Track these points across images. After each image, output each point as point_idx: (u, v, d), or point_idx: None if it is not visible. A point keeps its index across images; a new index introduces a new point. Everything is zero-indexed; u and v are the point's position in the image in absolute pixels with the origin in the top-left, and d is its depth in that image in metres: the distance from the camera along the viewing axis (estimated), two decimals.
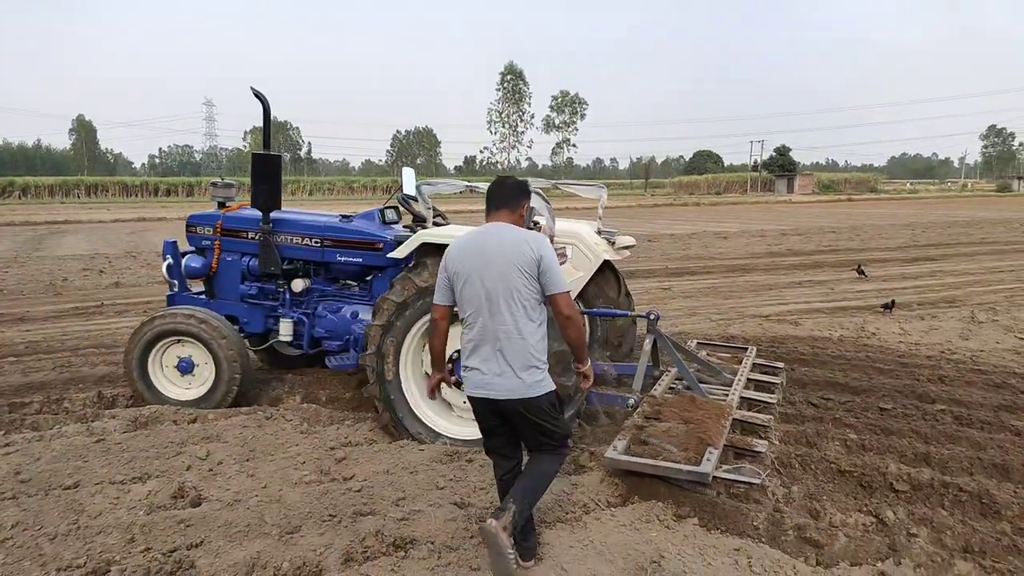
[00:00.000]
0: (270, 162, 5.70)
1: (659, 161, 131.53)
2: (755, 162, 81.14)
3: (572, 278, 4.89)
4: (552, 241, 4.68)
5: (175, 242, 6.15)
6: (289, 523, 3.64)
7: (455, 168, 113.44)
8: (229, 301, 6.04)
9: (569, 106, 75.18)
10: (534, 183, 5.13)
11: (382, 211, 5.95)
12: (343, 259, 5.73)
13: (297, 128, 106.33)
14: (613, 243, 5.60)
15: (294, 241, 5.80)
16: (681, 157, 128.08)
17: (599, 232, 5.64)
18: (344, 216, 5.90)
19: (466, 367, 3.29)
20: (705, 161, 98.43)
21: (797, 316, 9.37)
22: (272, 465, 4.36)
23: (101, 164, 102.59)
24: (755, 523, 3.61)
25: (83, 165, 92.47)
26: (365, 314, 5.60)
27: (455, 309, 3.36)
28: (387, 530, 3.52)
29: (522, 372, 3.16)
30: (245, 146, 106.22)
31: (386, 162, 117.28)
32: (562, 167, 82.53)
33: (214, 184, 6.46)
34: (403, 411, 4.89)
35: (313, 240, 5.75)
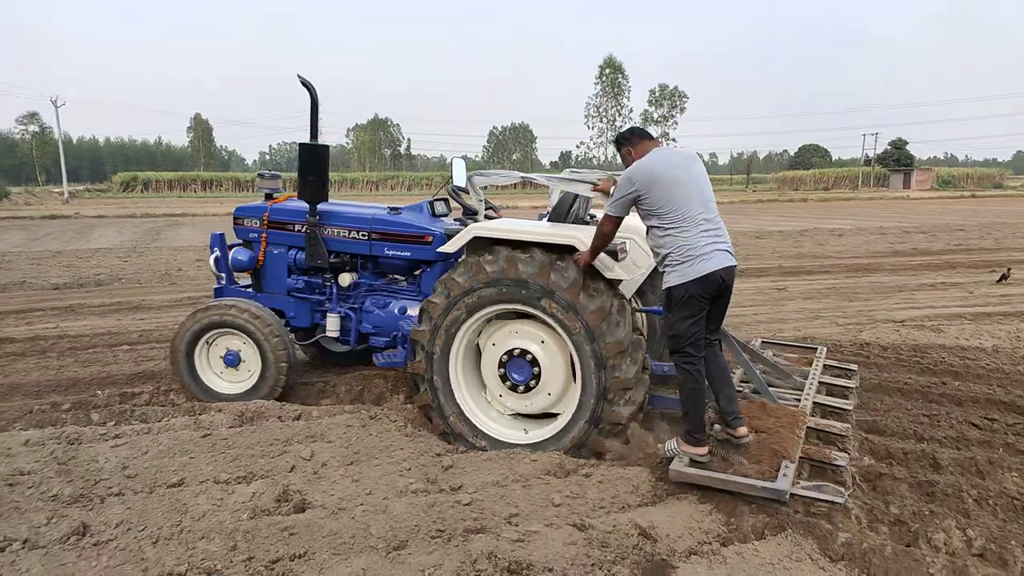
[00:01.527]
0: (317, 153, 5.49)
1: (761, 156, 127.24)
2: (867, 156, 77.01)
3: (630, 275, 4.61)
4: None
5: (223, 235, 6.04)
6: (395, 537, 3.38)
7: (550, 163, 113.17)
8: (276, 294, 5.89)
9: (668, 99, 73.33)
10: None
11: (431, 203, 5.66)
12: (391, 253, 5.50)
13: (397, 125, 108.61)
14: None
15: (341, 234, 5.60)
16: (785, 151, 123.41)
17: None
18: (392, 208, 5.65)
19: (706, 253, 3.84)
20: (811, 155, 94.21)
21: (937, 322, 8.50)
22: (377, 470, 4.12)
23: (216, 160, 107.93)
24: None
25: (199, 161, 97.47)
26: (413, 310, 5.34)
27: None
28: (501, 552, 3.20)
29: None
30: (347, 143, 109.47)
31: (482, 157, 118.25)
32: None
33: (261, 175, 6.30)
34: (456, 417, 4.64)
35: (360, 233, 5.54)
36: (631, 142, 4.18)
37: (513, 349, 4.51)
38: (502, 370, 4.55)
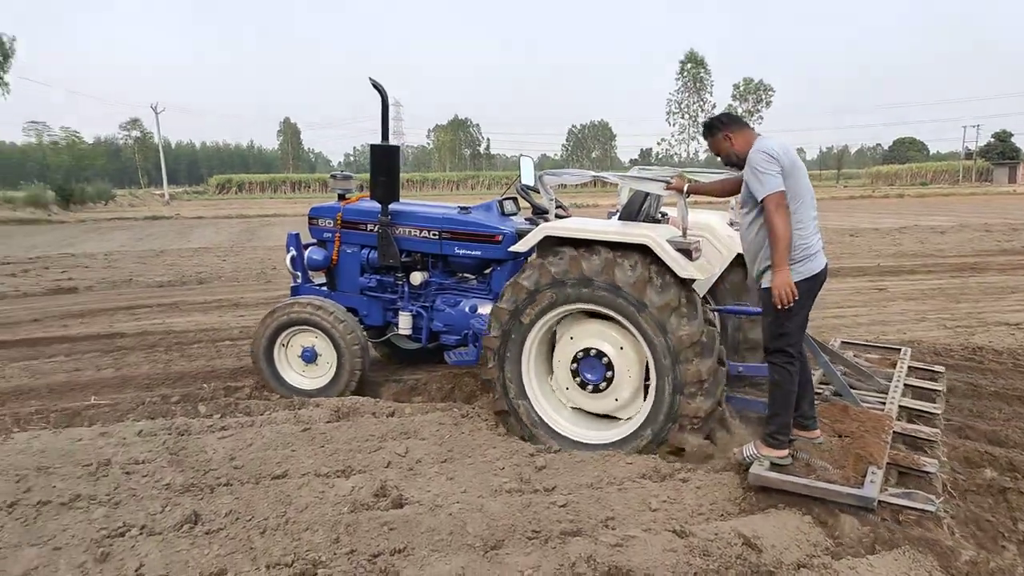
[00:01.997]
0: (389, 154, 5.56)
1: (852, 150, 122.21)
2: (968, 150, 72.80)
3: (704, 273, 4.53)
4: (684, 235, 4.31)
5: (298, 234, 6.18)
6: (492, 536, 3.39)
7: (630, 161, 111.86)
8: (349, 293, 6.00)
9: (753, 93, 71.28)
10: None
11: (501, 202, 5.69)
12: (461, 252, 5.55)
13: (477, 125, 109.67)
14: None
15: (412, 233, 5.67)
16: (878, 145, 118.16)
17: (731, 224, 5.25)
18: (463, 208, 5.69)
19: (818, 251, 3.85)
20: (907, 149, 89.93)
21: None
22: (471, 469, 4.15)
23: (304, 163, 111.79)
24: None
25: (288, 164, 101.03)
26: (484, 308, 5.39)
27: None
28: (599, 556, 3.16)
29: None
30: (428, 143, 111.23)
31: (561, 156, 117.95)
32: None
33: (333, 176, 6.41)
34: (531, 419, 4.63)
35: (431, 232, 5.61)
36: (730, 127, 3.94)
37: (589, 348, 4.48)
38: (575, 365, 4.53)
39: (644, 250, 4.23)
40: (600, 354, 4.46)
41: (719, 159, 4.08)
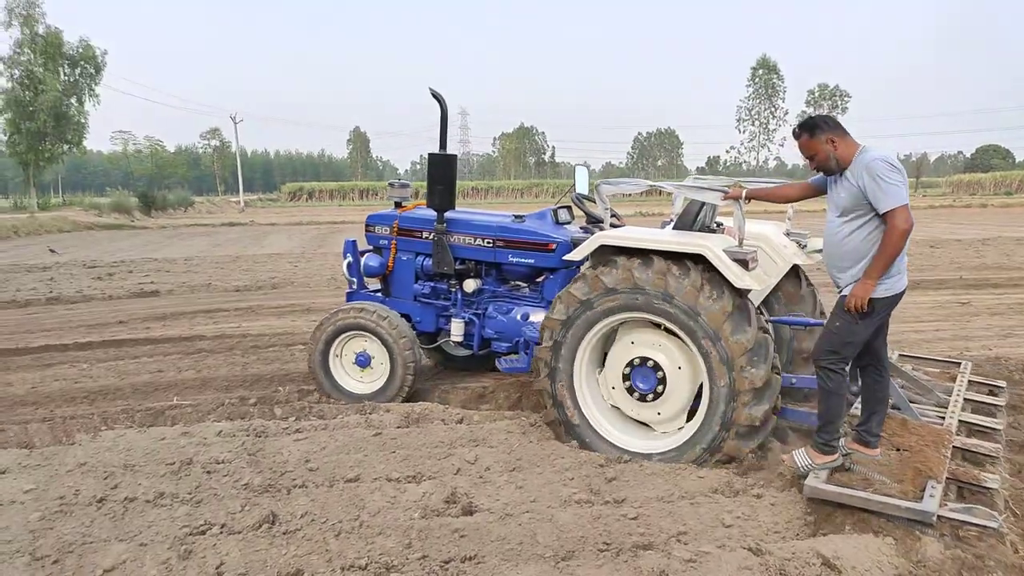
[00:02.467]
0: (446, 162, 5.61)
1: (932, 158, 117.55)
2: None
3: (760, 284, 4.45)
4: (741, 245, 4.28)
5: (355, 241, 6.29)
6: (562, 547, 3.38)
7: (696, 168, 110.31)
8: (403, 299, 6.08)
9: (828, 100, 69.23)
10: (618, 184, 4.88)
11: (555, 211, 5.71)
12: (514, 260, 5.60)
13: (543, 133, 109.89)
14: (804, 246, 5.19)
15: (467, 241, 5.74)
16: (960, 153, 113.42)
17: (787, 234, 5.25)
18: (517, 216, 5.73)
19: (903, 271, 3.81)
20: (991, 157, 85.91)
21: None
22: (540, 478, 4.14)
23: (372, 170, 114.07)
24: None
25: (357, 171, 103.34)
26: (536, 316, 5.43)
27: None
28: (672, 571, 3.11)
29: None
30: (493, 151, 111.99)
31: (626, 164, 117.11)
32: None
33: (391, 184, 6.51)
34: (586, 431, 4.65)
35: (485, 240, 5.67)
36: (837, 131, 3.80)
37: (633, 359, 4.53)
38: (628, 369, 4.56)
39: (700, 260, 4.21)
40: (657, 366, 4.48)
41: (806, 162, 3.96)
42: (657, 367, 4.48)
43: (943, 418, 4.43)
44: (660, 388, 4.49)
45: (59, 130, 40.19)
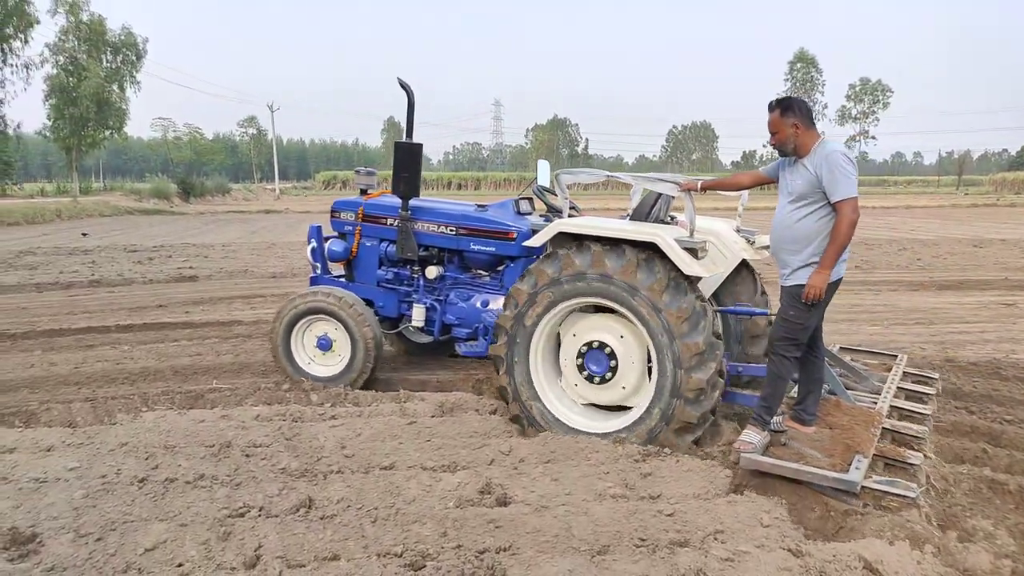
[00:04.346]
0: (412, 151, 5.69)
1: (975, 155, 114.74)
2: None
3: (708, 272, 4.71)
4: (691, 235, 4.51)
5: (320, 227, 6.37)
6: (598, 540, 3.35)
7: (731, 163, 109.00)
8: (366, 285, 6.19)
9: (870, 94, 67.67)
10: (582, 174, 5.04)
11: (517, 202, 5.88)
12: (476, 247, 5.74)
13: (576, 125, 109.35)
14: (752, 242, 5.34)
15: (430, 228, 5.88)
16: (1005, 151, 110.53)
17: (738, 231, 5.42)
18: (480, 206, 5.89)
19: (845, 259, 4.03)
20: None
21: None
22: (575, 471, 4.12)
23: None
24: None
25: (390, 161, 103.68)
26: (496, 303, 5.60)
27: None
28: (709, 570, 3.07)
29: None
30: (526, 143, 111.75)
31: (659, 157, 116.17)
32: (856, 162, 74.76)
33: (357, 172, 6.62)
34: (532, 401, 4.80)
35: (448, 228, 5.81)
36: (803, 119, 4.00)
37: (592, 341, 4.64)
38: (580, 360, 4.69)
39: (655, 249, 4.38)
40: (603, 345, 4.62)
41: (770, 140, 4.13)
42: (603, 345, 4.62)
43: (875, 403, 4.72)
44: (613, 363, 4.62)
45: (101, 116, 40.90)
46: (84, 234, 21.17)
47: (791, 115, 3.98)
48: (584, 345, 4.67)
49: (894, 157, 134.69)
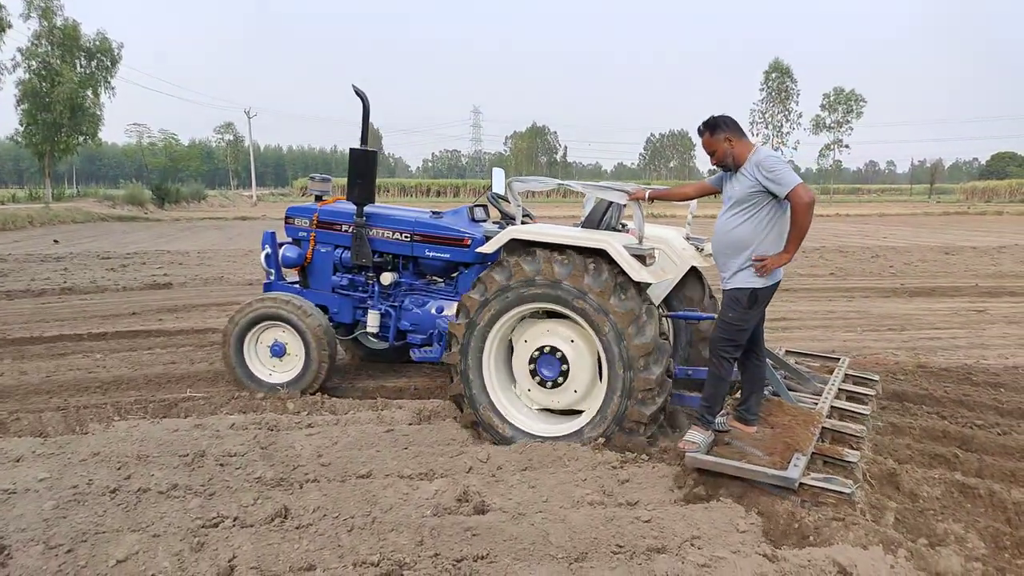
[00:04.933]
0: (366, 158, 5.73)
1: (946, 164, 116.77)
2: None
3: (656, 278, 4.84)
4: (640, 242, 4.62)
5: (274, 233, 6.35)
6: (575, 548, 3.36)
7: (708, 171, 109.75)
8: (321, 291, 6.19)
9: (844, 104, 68.52)
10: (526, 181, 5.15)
11: (471, 209, 5.92)
12: (431, 254, 5.76)
13: (555, 132, 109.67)
14: (701, 250, 5.46)
15: (385, 235, 5.88)
16: (975, 160, 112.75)
17: (687, 238, 5.55)
18: (435, 213, 5.92)
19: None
20: (1006, 164, 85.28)
21: None
22: (553, 478, 4.12)
23: (383, 167, 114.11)
24: None
25: None
26: (450, 309, 5.64)
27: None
28: (686, 575, 3.08)
29: None
30: (505, 151, 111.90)
31: (638, 165, 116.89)
32: (830, 171, 75.82)
33: (311, 178, 6.62)
34: (487, 408, 4.83)
35: (403, 235, 5.81)
36: (734, 131, 4.19)
37: (544, 346, 4.72)
38: (532, 366, 4.75)
39: (604, 255, 4.48)
40: (554, 350, 4.69)
41: (711, 160, 4.31)
42: (555, 350, 4.69)
43: (816, 404, 4.87)
44: (564, 367, 4.69)
45: (75, 122, 40.29)
46: (56, 241, 20.86)
47: (721, 131, 4.18)
48: (536, 350, 4.74)
49: (867, 166, 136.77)
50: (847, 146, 72.04)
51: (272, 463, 4.22)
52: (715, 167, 4.37)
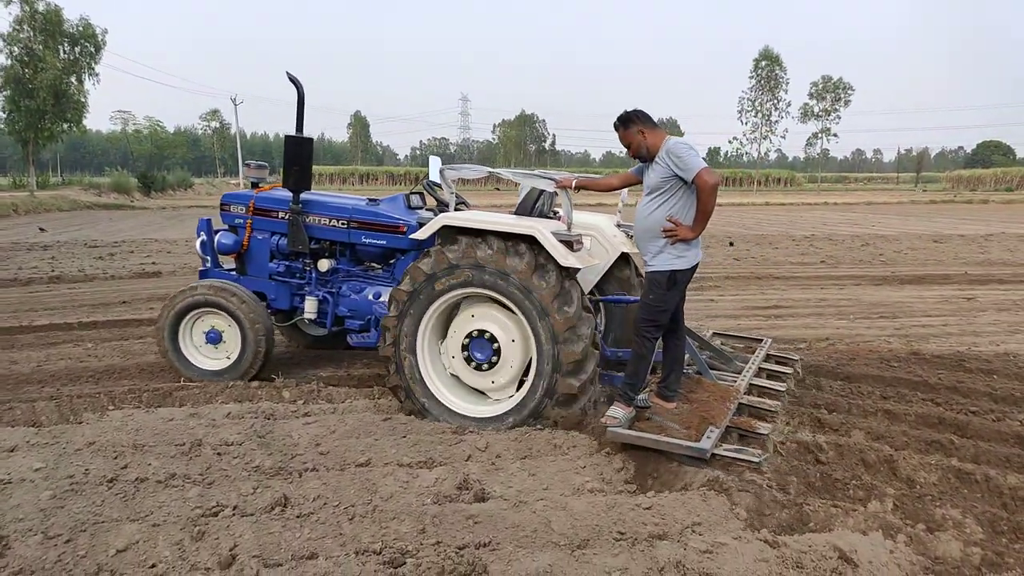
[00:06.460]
0: (302, 145, 5.73)
1: (932, 153, 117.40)
2: None
3: (584, 263, 4.91)
4: (569, 229, 4.77)
5: (209, 220, 6.32)
6: (577, 535, 3.36)
7: None
8: (258, 278, 6.18)
9: (832, 92, 68.61)
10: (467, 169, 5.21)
11: (408, 196, 5.98)
12: (367, 241, 5.80)
13: (543, 121, 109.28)
14: (631, 236, 5.49)
15: (322, 222, 5.89)
16: (961, 148, 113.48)
17: (618, 226, 5.69)
18: (371, 200, 5.95)
19: (698, 244, 4.39)
20: (992, 153, 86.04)
21: None
22: (552, 466, 4.12)
23: (372, 155, 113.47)
24: None
25: (357, 156, 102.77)
26: (387, 295, 5.63)
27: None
28: (688, 562, 3.09)
29: None
30: (494, 139, 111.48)
31: (627, 154, 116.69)
32: (818, 159, 76.09)
33: (247, 165, 6.61)
34: (424, 396, 4.91)
35: (340, 222, 5.83)
36: (646, 123, 4.37)
37: (472, 331, 4.83)
38: (467, 340, 4.86)
39: (532, 240, 4.59)
40: (493, 339, 4.80)
41: (627, 152, 4.49)
42: (493, 339, 4.80)
43: (735, 381, 5.12)
44: (495, 358, 4.82)
45: (58, 108, 39.71)
46: (42, 229, 20.63)
47: (634, 125, 4.36)
48: (466, 337, 4.83)
49: (855, 154, 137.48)
50: (835, 135, 72.18)
51: (270, 452, 4.19)
52: (633, 159, 4.53)
